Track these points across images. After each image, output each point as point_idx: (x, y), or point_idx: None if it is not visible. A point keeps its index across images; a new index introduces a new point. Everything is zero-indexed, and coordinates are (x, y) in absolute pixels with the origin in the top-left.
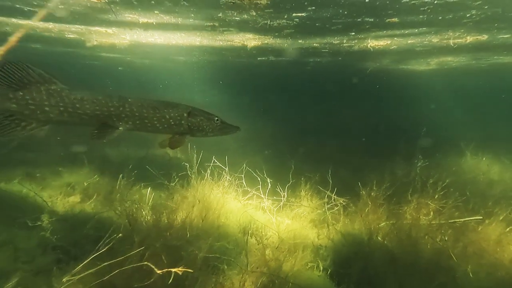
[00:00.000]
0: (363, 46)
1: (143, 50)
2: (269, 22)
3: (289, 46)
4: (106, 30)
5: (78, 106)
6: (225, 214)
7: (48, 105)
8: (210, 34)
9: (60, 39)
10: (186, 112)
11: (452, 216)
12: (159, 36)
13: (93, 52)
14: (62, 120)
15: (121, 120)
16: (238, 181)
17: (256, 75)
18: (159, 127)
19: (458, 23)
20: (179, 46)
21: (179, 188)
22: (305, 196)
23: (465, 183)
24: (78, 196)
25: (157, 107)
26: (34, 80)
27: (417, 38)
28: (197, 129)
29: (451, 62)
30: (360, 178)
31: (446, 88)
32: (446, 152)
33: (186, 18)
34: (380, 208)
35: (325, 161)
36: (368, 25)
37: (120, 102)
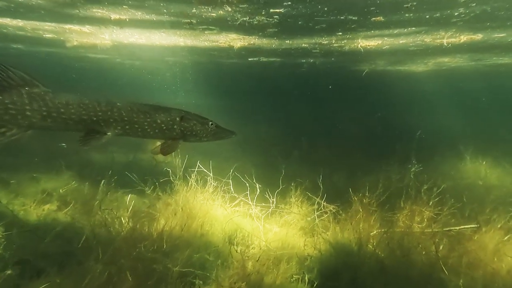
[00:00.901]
0: (354, 47)
1: (129, 51)
2: (248, 19)
3: (277, 47)
4: (81, 28)
5: (63, 110)
6: (209, 222)
7: (30, 109)
8: (192, 33)
9: (38, 39)
10: (178, 116)
11: (447, 224)
12: (140, 35)
13: (78, 53)
14: (45, 125)
15: (109, 125)
16: (225, 186)
17: (247, 76)
18: (150, 132)
19: (447, 22)
20: (164, 47)
21: (162, 195)
22: (295, 202)
23: (463, 188)
24: (55, 203)
25: (148, 112)
26: (14, 83)
27: (409, 38)
28: (190, 134)
29: (449, 63)
30: (354, 183)
31: (445, 90)
32: (445, 155)
33: (159, 15)
34: (372, 215)
35: (318, 165)
36: (354, 24)
37: (109, 106)
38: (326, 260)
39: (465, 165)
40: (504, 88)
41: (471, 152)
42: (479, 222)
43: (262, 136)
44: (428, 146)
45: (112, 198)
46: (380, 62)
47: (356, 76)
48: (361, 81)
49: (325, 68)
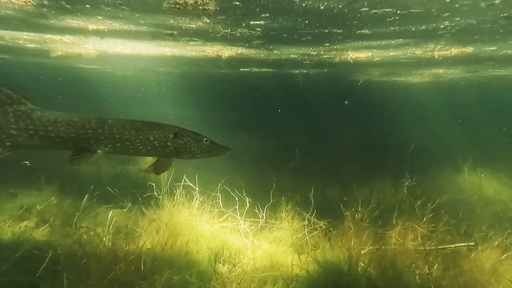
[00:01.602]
0: (344, 58)
1: (116, 61)
2: (230, 31)
3: (266, 57)
4: (61, 38)
5: (51, 129)
6: (195, 239)
7: (16, 128)
8: (177, 44)
9: (20, 49)
10: (172, 133)
11: (442, 241)
12: (124, 45)
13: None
14: (32, 144)
15: (99, 143)
16: (213, 201)
17: (238, 87)
18: (142, 149)
19: (434, 34)
20: (151, 57)
21: (147, 210)
22: (285, 217)
23: (459, 202)
24: (33, 220)
25: (140, 128)
26: (0, 101)
27: (398, 50)
28: (184, 151)
29: (446, 74)
30: (347, 197)
31: (441, 101)
32: (442, 167)
33: (138, 25)
34: (365, 231)
35: (311, 179)
36: (340, 36)
37: (99, 123)
38: (314, 281)
39: (463, 178)
40: (501, 100)
41: (469, 165)
42: (475, 240)
43: (253, 149)
44: (424, 158)
45: (95, 213)
46: (375, 73)
47: (351, 87)
48: (355, 92)
49: (318, 79)
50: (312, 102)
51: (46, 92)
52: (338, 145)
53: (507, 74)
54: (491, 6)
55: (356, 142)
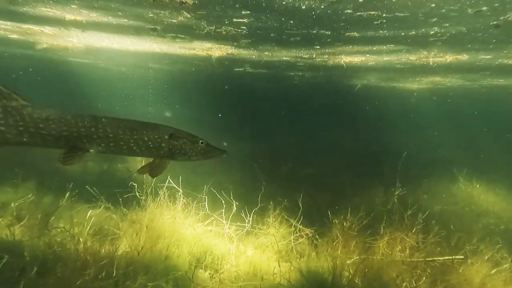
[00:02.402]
0: (337, 62)
1: (108, 56)
2: (215, 29)
3: (258, 58)
4: (41, 29)
5: (42, 126)
6: (177, 243)
7: (5, 124)
8: (164, 40)
9: (4, 39)
10: (167, 134)
11: (431, 253)
12: (109, 40)
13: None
14: (21, 141)
15: (92, 142)
16: (199, 203)
17: (230, 88)
18: (136, 150)
19: (425, 41)
20: (141, 53)
21: (129, 211)
22: (273, 223)
23: (452, 214)
24: (8, 218)
25: (135, 128)
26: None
27: (391, 55)
28: (179, 153)
29: (444, 82)
30: (336, 204)
31: (440, 109)
32: (438, 177)
33: (116, 17)
34: (352, 240)
35: (301, 184)
36: (329, 39)
37: (93, 122)
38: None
39: (458, 188)
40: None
41: (464, 175)
42: (465, 253)
43: (244, 152)
44: (419, 166)
45: (75, 212)
46: (371, 78)
47: (346, 92)
48: (351, 97)
49: (313, 83)
50: (307, 106)
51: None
52: (331, 150)
53: (507, 84)
54: (478, 13)
55: (350, 148)
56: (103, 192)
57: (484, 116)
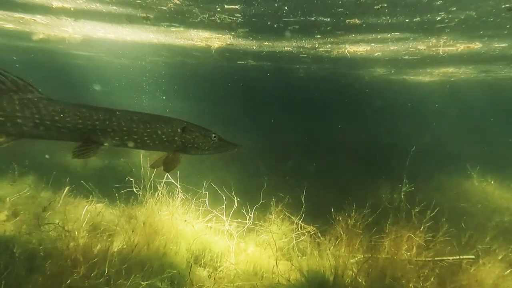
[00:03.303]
0: (342, 52)
1: (106, 47)
2: (208, 16)
3: (259, 49)
4: (34, 19)
5: (57, 118)
6: (175, 239)
7: (21, 116)
8: (159, 29)
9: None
10: (180, 128)
11: (440, 253)
12: (104, 29)
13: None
14: (37, 134)
15: (106, 135)
16: (199, 199)
17: (234, 81)
18: (150, 143)
19: (432, 28)
20: (139, 44)
21: (127, 207)
22: (275, 220)
23: (463, 211)
24: (4, 213)
25: (148, 122)
26: (6, 87)
27: (398, 44)
28: (191, 147)
29: (458, 74)
30: (341, 201)
31: (453, 103)
32: (450, 172)
33: (104, 4)
34: (357, 238)
35: (305, 179)
36: (329, 27)
37: (107, 115)
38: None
39: (471, 185)
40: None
41: (478, 170)
42: (477, 252)
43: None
44: (429, 162)
45: (72, 207)
46: (380, 70)
47: (354, 85)
48: (359, 90)
49: (318, 75)
50: (312, 100)
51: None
52: (337, 145)
53: None
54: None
55: (357, 142)
56: (103, 186)
57: (499, 109)
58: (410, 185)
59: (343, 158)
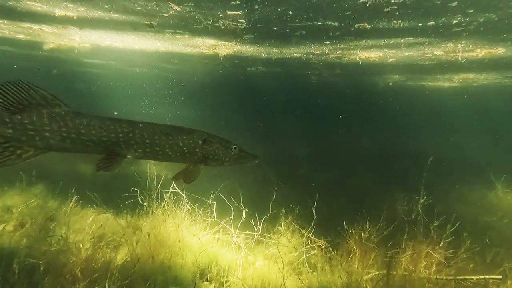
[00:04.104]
0: (353, 59)
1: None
2: (212, 23)
3: (268, 56)
4: (41, 28)
5: (83, 131)
6: (181, 252)
7: (49, 130)
8: (164, 37)
9: (12, 40)
10: (201, 139)
11: (462, 271)
12: (111, 38)
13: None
14: (63, 147)
15: (129, 148)
16: (207, 209)
17: (248, 88)
18: (171, 155)
19: (448, 32)
20: (148, 52)
21: (133, 218)
22: (284, 232)
23: (487, 225)
24: (12, 223)
25: (170, 133)
26: (35, 102)
27: (413, 50)
28: (212, 158)
29: (480, 79)
30: (355, 212)
31: (475, 110)
32: (471, 183)
33: (105, 11)
34: (371, 253)
35: (317, 190)
36: (337, 32)
37: (130, 127)
38: None
39: (495, 196)
40: None
41: (503, 181)
42: (504, 271)
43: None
44: (448, 172)
45: (78, 218)
46: (395, 76)
47: (368, 91)
48: (374, 96)
49: (331, 82)
50: (325, 106)
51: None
52: (351, 154)
53: None
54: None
55: (372, 151)
56: (112, 196)
57: None
58: (428, 196)
59: (356, 167)
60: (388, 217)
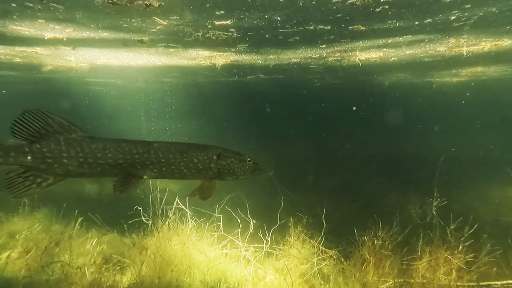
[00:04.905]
0: (353, 60)
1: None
2: (202, 34)
3: (265, 63)
4: (35, 51)
5: (100, 155)
6: (189, 270)
7: (67, 157)
8: (157, 51)
9: (10, 64)
10: (215, 154)
11: (485, 276)
12: (105, 56)
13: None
14: (81, 172)
15: (146, 168)
16: (213, 223)
17: (250, 96)
18: (187, 173)
19: (448, 28)
20: (145, 67)
21: (139, 237)
22: (294, 242)
23: (508, 225)
24: (17, 250)
25: (184, 151)
26: (52, 129)
27: (414, 48)
28: (227, 173)
29: (489, 72)
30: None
31: (486, 104)
32: (488, 182)
33: (92, 31)
34: (386, 261)
35: (326, 196)
36: (332, 35)
37: (145, 148)
38: None
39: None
40: None
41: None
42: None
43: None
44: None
45: (83, 240)
46: (399, 75)
47: (373, 92)
48: (379, 96)
49: (334, 84)
50: (331, 109)
51: None
52: (358, 157)
53: None
54: None
55: (380, 153)
56: (117, 214)
57: None
58: (442, 197)
59: (366, 170)
60: (401, 221)
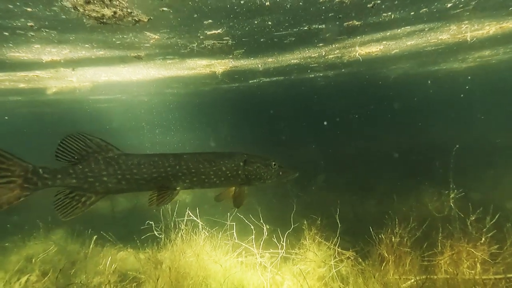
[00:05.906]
0: (353, 56)
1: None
2: (197, 45)
3: (266, 66)
4: (36, 75)
5: (136, 171)
6: (204, 282)
7: (107, 174)
8: (155, 64)
9: (15, 89)
10: (242, 161)
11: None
12: (105, 73)
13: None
14: (120, 188)
15: (178, 180)
16: (227, 231)
17: (254, 100)
18: (216, 181)
19: (447, 15)
20: (145, 81)
21: (153, 252)
22: (310, 245)
23: None
24: (35, 274)
25: (212, 160)
26: (91, 150)
27: (414, 38)
28: (254, 178)
29: (498, 55)
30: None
31: (498, 87)
32: (505, 169)
33: (87, 50)
34: (405, 258)
35: (339, 195)
36: (327, 33)
37: (176, 160)
38: None
39: None
40: None
41: None
42: None
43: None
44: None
45: (99, 258)
46: (403, 65)
47: (381, 85)
48: (388, 90)
49: (340, 81)
50: (336, 106)
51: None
52: (369, 153)
53: None
54: None
55: (391, 148)
56: (131, 230)
57: None
58: (459, 188)
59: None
60: (418, 216)
